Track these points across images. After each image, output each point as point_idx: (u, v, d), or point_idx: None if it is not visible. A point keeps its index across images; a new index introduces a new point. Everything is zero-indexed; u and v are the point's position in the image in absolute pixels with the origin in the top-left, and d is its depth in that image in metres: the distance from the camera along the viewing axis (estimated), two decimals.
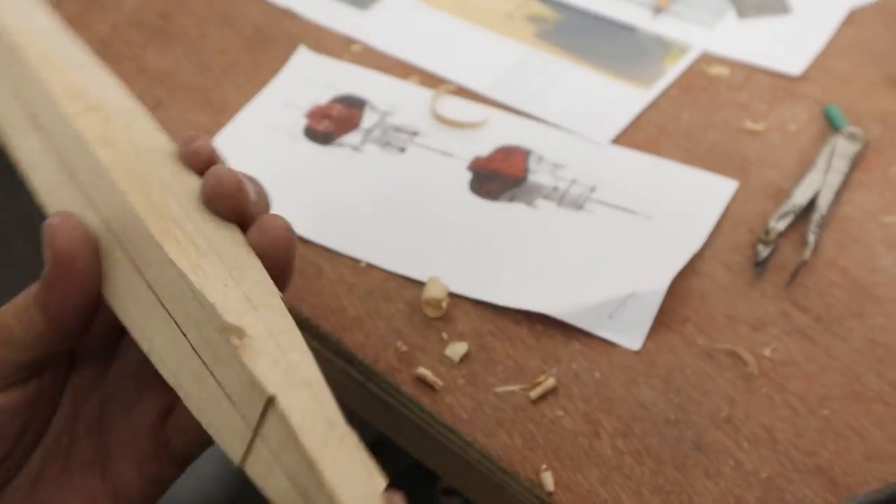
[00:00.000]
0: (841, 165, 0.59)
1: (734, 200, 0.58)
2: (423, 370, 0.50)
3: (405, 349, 0.51)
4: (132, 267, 0.35)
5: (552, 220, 0.57)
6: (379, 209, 0.59)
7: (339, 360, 0.52)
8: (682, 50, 0.68)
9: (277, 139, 0.63)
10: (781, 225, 0.56)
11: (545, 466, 0.47)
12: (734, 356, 0.51)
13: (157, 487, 0.39)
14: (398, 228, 0.57)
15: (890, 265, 0.55)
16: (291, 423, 0.29)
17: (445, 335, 0.52)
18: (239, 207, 0.37)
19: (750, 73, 0.67)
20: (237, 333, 0.32)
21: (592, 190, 0.59)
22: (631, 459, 0.47)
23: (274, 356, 0.32)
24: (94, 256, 0.35)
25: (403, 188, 0.60)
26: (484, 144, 0.62)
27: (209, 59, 0.69)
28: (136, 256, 0.35)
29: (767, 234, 0.55)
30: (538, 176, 0.60)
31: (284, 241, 0.37)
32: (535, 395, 0.49)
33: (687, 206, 0.58)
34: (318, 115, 0.65)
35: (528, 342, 0.52)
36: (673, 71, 0.67)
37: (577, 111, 0.64)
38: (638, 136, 0.63)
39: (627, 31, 0.70)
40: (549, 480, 0.46)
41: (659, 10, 0.71)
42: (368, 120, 0.64)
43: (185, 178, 0.38)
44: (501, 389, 0.50)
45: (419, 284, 0.54)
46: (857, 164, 0.60)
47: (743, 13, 0.71)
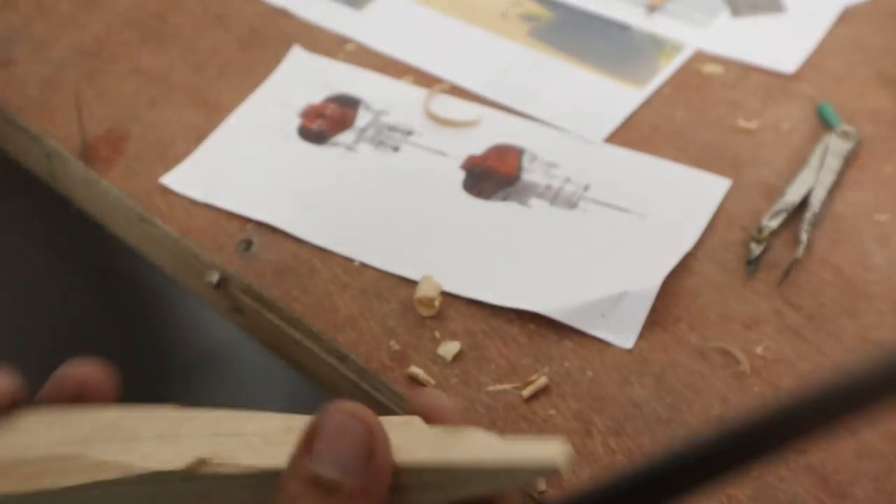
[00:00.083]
0: (834, 164, 0.59)
1: (727, 199, 0.58)
2: (415, 369, 0.50)
3: (398, 348, 0.51)
4: None
5: (545, 218, 0.58)
6: (372, 208, 0.59)
7: (331, 358, 0.52)
8: (675, 48, 0.68)
9: (271, 138, 0.63)
10: (774, 223, 0.56)
11: None
12: (727, 354, 0.51)
13: None
14: (391, 227, 0.57)
15: (882, 263, 0.55)
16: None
17: (438, 334, 0.52)
18: None
19: (743, 71, 0.67)
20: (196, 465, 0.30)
21: (586, 189, 0.59)
22: (623, 458, 0.47)
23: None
24: None
25: (397, 187, 0.60)
26: (477, 143, 0.62)
27: (203, 58, 0.69)
28: None
29: (760, 232, 0.56)
30: (532, 175, 0.60)
31: None
32: (527, 393, 0.49)
33: (680, 204, 0.58)
34: (311, 114, 0.65)
35: (520, 341, 0.52)
36: (667, 69, 0.67)
37: (570, 110, 0.64)
38: (631, 134, 0.63)
39: (621, 29, 0.70)
40: (539, 481, 0.46)
41: (653, 8, 0.71)
42: (362, 119, 0.64)
43: None
44: (494, 388, 0.50)
45: (412, 283, 0.54)
46: (850, 162, 0.60)
47: (737, 12, 0.71)
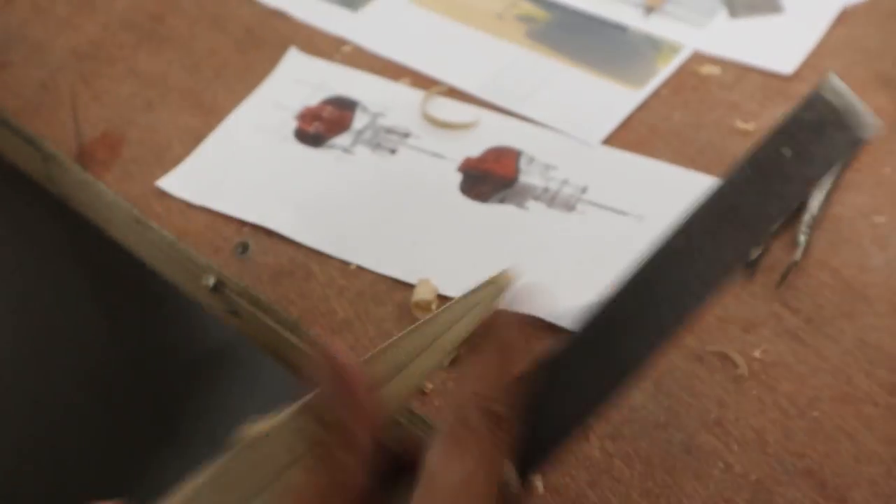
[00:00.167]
0: None
1: None
2: None
3: None
4: None
5: (543, 221, 0.57)
6: (369, 211, 0.58)
7: None
8: (673, 49, 0.68)
9: (268, 141, 0.63)
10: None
11: None
12: (724, 358, 0.51)
13: None
14: (388, 230, 0.57)
15: (881, 265, 0.55)
16: None
17: None
18: None
19: (742, 72, 0.67)
20: None
21: (583, 191, 0.59)
22: (620, 462, 0.47)
23: None
24: None
25: (394, 190, 0.60)
26: (475, 145, 0.62)
27: (200, 60, 0.69)
28: None
29: None
30: (529, 177, 0.60)
31: None
32: None
33: (678, 206, 0.58)
34: (308, 116, 0.64)
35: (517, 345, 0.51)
36: (664, 71, 0.67)
37: (567, 111, 0.64)
38: (629, 136, 0.63)
39: (618, 30, 0.70)
40: (537, 483, 0.46)
41: (650, 9, 0.71)
42: (359, 121, 0.64)
43: None
44: None
45: (409, 287, 0.54)
46: (848, 164, 0.60)
47: (735, 12, 0.71)
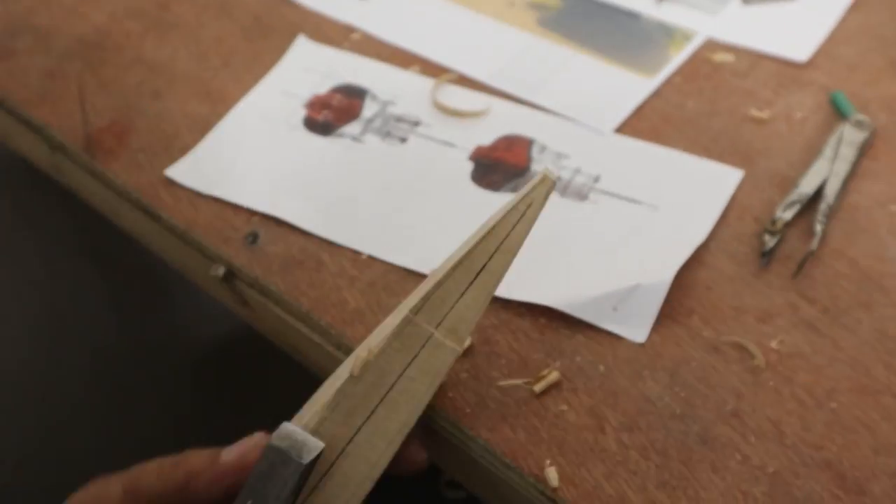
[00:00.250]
0: (848, 154, 0.58)
1: (740, 190, 0.57)
2: None
3: None
4: None
5: (555, 210, 0.57)
6: (380, 200, 0.58)
7: (340, 353, 0.51)
8: (686, 37, 0.67)
9: (277, 130, 0.63)
10: (788, 214, 0.55)
11: (549, 461, 0.46)
12: (741, 349, 0.50)
13: None
14: (399, 220, 0.57)
15: None
16: None
17: None
18: None
19: (755, 59, 0.66)
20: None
21: (596, 180, 0.58)
22: (636, 454, 0.46)
23: None
24: None
25: (404, 179, 0.59)
26: (486, 134, 0.61)
27: (207, 48, 0.68)
28: None
29: (774, 223, 0.55)
30: (541, 166, 0.59)
31: None
32: (538, 388, 0.48)
33: (692, 195, 0.57)
34: (317, 104, 0.64)
35: (531, 335, 0.51)
36: (677, 58, 0.66)
37: (579, 100, 0.63)
38: (642, 124, 0.62)
39: (631, 17, 0.69)
40: (553, 475, 0.45)
41: None
42: (369, 110, 0.63)
43: None
44: (505, 383, 0.49)
45: (421, 276, 0.53)
46: (864, 152, 0.59)
47: None
